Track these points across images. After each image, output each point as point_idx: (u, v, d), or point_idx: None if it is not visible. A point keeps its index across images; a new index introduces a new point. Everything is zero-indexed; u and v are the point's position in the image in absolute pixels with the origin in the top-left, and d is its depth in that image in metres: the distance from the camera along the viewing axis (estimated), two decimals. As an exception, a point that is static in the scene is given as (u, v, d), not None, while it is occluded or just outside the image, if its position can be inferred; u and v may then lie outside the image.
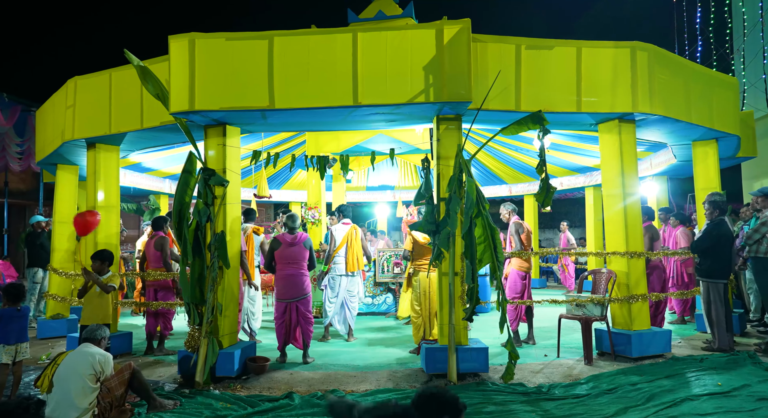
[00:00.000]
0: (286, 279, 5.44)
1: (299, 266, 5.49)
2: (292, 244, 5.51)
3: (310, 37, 4.63)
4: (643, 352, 5.13)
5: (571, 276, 11.45)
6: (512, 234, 6.01)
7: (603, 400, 3.95)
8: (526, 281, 5.98)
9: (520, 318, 6.05)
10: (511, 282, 6.00)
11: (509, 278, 6.03)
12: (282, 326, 5.40)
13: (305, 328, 5.42)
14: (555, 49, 4.99)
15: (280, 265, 5.49)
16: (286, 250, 5.49)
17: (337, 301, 6.47)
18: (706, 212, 5.75)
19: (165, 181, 10.12)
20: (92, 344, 3.69)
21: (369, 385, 4.50)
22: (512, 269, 6.02)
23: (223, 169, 4.92)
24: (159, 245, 6.01)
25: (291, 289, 5.41)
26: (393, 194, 13.68)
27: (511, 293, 5.94)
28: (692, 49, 12.47)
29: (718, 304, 5.51)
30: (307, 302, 5.49)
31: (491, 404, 3.88)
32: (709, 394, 3.97)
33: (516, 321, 6.00)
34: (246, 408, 3.86)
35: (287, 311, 5.41)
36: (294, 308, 5.41)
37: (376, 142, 7.90)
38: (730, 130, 6.28)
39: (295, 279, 5.43)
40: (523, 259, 5.97)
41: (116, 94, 5.48)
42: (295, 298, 5.41)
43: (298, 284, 5.43)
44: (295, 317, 5.41)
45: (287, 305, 5.41)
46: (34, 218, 8.19)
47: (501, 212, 6.39)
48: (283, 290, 5.43)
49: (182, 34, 4.62)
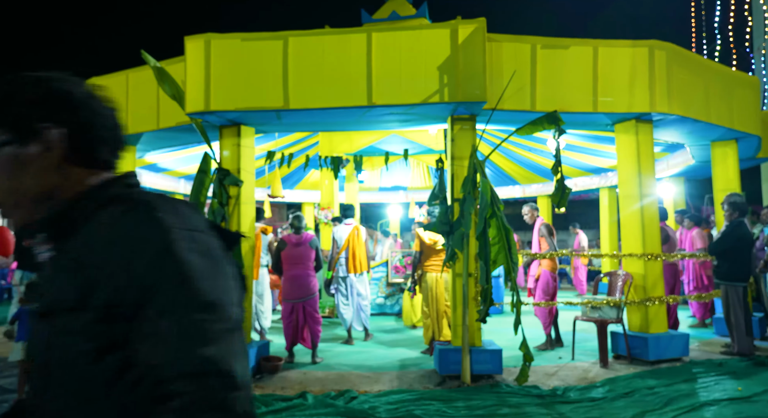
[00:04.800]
0: (293, 279, 5.45)
1: (305, 266, 5.50)
2: (298, 244, 5.52)
3: (325, 37, 4.64)
4: (660, 355, 5.05)
5: (581, 280, 11.28)
6: (544, 235, 5.92)
7: (619, 404, 3.90)
8: (556, 282, 5.92)
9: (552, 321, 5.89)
10: (543, 284, 5.86)
11: (541, 279, 5.89)
12: (289, 326, 5.43)
13: (313, 328, 5.42)
14: (571, 48, 4.94)
15: (287, 265, 5.51)
16: (292, 250, 5.50)
17: (350, 303, 6.37)
18: (725, 214, 5.64)
19: (180, 182, 10.22)
20: None
21: (382, 385, 4.49)
22: (544, 270, 5.89)
23: (238, 169, 4.94)
24: None
25: (297, 289, 5.42)
26: (405, 195, 13.65)
27: (543, 295, 5.83)
28: (711, 48, 12.28)
29: (738, 307, 5.41)
30: (314, 302, 5.49)
31: (505, 407, 3.85)
32: (729, 399, 3.89)
33: (550, 325, 5.86)
34: (260, 407, 3.88)
35: (294, 311, 5.42)
36: (301, 308, 5.42)
37: (390, 143, 7.89)
38: (750, 130, 6.16)
39: (302, 280, 5.44)
40: (553, 260, 5.91)
41: (133, 94, 5.55)
42: (302, 298, 5.42)
43: (305, 284, 5.44)
44: (302, 317, 5.42)
45: (294, 305, 5.43)
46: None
47: (524, 212, 6.31)
48: (290, 291, 5.45)
49: (198, 35, 4.65)
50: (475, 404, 3.88)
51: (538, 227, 6.08)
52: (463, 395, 4.12)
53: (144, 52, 4.56)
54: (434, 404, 3.90)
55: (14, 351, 4.24)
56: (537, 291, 5.91)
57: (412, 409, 3.76)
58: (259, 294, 6.31)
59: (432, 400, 3.99)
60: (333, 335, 6.84)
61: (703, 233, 7.12)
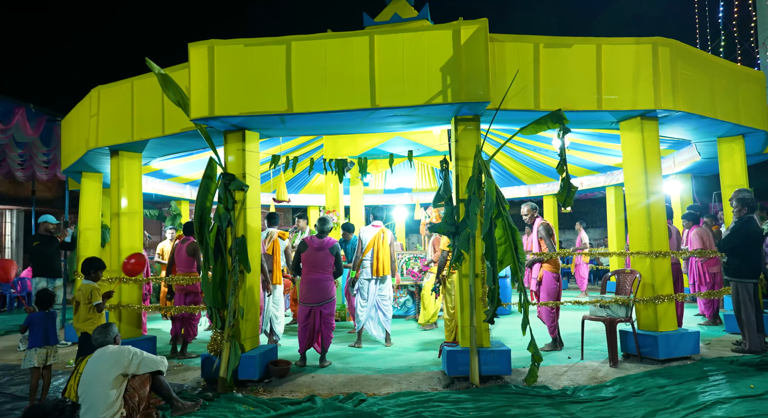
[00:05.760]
0: (311, 284, 5.44)
1: (325, 271, 5.49)
2: (320, 249, 5.50)
3: (327, 40, 4.66)
4: (671, 354, 5.01)
5: (583, 278, 11.20)
6: (543, 237, 5.83)
7: (630, 403, 3.87)
8: (559, 282, 5.85)
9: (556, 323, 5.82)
10: (547, 286, 5.79)
11: (544, 281, 5.81)
12: (305, 330, 5.41)
13: (326, 333, 5.42)
14: (574, 46, 4.93)
15: (306, 269, 5.50)
16: (312, 254, 5.48)
17: (367, 306, 6.33)
18: (734, 210, 5.60)
19: (186, 188, 10.28)
20: (109, 345, 3.72)
21: (391, 388, 4.49)
22: (545, 272, 5.81)
23: (243, 174, 4.96)
24: (192, 250, 6.08)
25: (316, 293, 5.41)
26: (411, 197, 13.65)
27: (548, 297, 5.76)
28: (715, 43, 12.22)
29: (748, 304, 5.36)
30: (331, 306, 5.48)
31: (515, 407, 3.83)
32: (742, 397, 3.85)
33: (556, 327, 5.80)
34: (269, 411, 3.88)
35: (311, 315, 5.41)
36: (318, 313, 5.41)
37: (394, 145, 7.89)
38: (757, 125, 6.12)
39: (320, 284, 5.43)
40: (555, 260, 5.86)
41: (138, 101, 5.58)
42: (320, 302, 5.41)
43: (323, 288, 5.43)
44: (318, 321, 5.40)
45: (311, 309, 5.41)
46: (44, 217, 7.10)
47: (522, 211, 6.25)
48: (308, 295, 5.43)
49: (201, 41, 4.68)
50: (484, 406, 3.87)
51: (537, 227, 6.01)
52: (471, 396, 4.11)
53: (148, 59, 4.60)
54: (443, 405, 3.88)
55: (27, 358, 4.27)
56: (541, 294, 5.83)
57: (420, 411, 3.75)
58: (276, 299, 6.30)
59: (441, 402, 3.98)
60: (345, 338, 6.83)
61: (701, 231, 7.05)
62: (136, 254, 5.81)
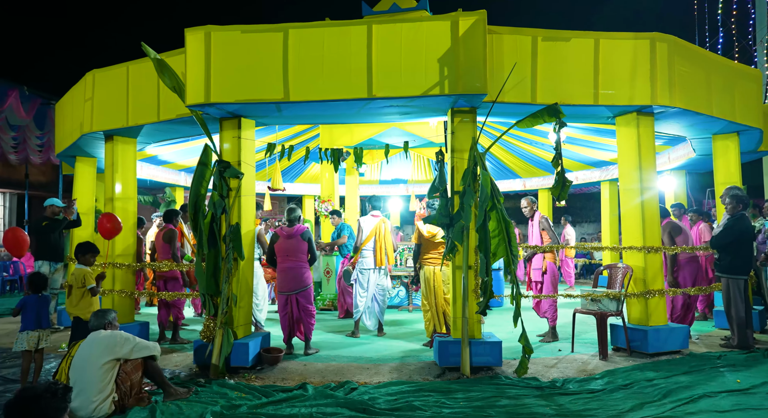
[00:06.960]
0: (286, 272, 5.48)
1: (298, 258, 5.51)
2: (290, 236, 5.53)
3: (325, 29, 4.62)
4: (660, 348, 5.07)
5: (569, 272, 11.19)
6: (546, 228, 5.96)
7: (618, 395, 3.92)
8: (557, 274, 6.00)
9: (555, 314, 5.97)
10: (551, 276, 5.90)
11: (548, 272, 5.92)
12: (285, 318, 5.47)
13: (306, 321, 5.46)
14: (572, 40, 4.91)
15: (280, 258, 5.53)
16: (284, 243, 5.52)
17: (367, 296, 6.34)
18: (727, 206, 5.62)
19: (181, 174, 10.23)
20: (102, 330, 3.72)
21: (382, 377, 4.52)
22: (549, 263, 5.91)
23: (238, 162, 4.95)
24: (168, 238, 6.09)
25: (290, 281, 5.45)
26: (406, 188, 13.66)
27: (552, 288, 5.89)
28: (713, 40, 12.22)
29: (738, 300, 5.42)
30: (308, 295, 5.52)
31: (505, 398, 3.87)
32: (728, 391, 3.91)
33: (556, 317, 5.95)
34: (260, 398, 3.90)
35: (288, 304, 5.45)
36: (294, 301, 5.44)
37: (390, 136, 7.88)
38: (752, 123, 6.14)
39: (294, 272, 5.46)
40: (555, 252, 5.95)
41: (133, 87, 5.53)
42: (295, 290, 5.44)
43: (298, 276, 5.46)
44: (296, 310, 5.44)
45: (288, 297, 5.46)
46: (50, 200, 7.02)
47: (522, 204, 6.30)
48: (284, 283, 5.48)
49: (198, 27, 4.64)
50: (474, 396, 3.91)
51: (537, 220, 6.08)
52: (462, 386, 4.15)
53: (144, 44, 4.55)
54: (433, 395, 3.92)
55: (18, 341, 4.27)
56: (546, 284, 5.93)
57: (411, 400, 3.79)
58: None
59: (431, 391, 4.01)
60: (339, 327, 6.87)
61: (709, 226, 7.12)
62: (109, 214, 5.64)
